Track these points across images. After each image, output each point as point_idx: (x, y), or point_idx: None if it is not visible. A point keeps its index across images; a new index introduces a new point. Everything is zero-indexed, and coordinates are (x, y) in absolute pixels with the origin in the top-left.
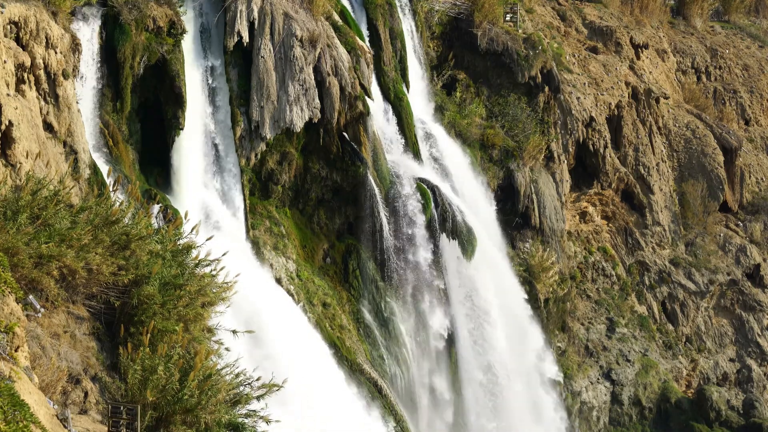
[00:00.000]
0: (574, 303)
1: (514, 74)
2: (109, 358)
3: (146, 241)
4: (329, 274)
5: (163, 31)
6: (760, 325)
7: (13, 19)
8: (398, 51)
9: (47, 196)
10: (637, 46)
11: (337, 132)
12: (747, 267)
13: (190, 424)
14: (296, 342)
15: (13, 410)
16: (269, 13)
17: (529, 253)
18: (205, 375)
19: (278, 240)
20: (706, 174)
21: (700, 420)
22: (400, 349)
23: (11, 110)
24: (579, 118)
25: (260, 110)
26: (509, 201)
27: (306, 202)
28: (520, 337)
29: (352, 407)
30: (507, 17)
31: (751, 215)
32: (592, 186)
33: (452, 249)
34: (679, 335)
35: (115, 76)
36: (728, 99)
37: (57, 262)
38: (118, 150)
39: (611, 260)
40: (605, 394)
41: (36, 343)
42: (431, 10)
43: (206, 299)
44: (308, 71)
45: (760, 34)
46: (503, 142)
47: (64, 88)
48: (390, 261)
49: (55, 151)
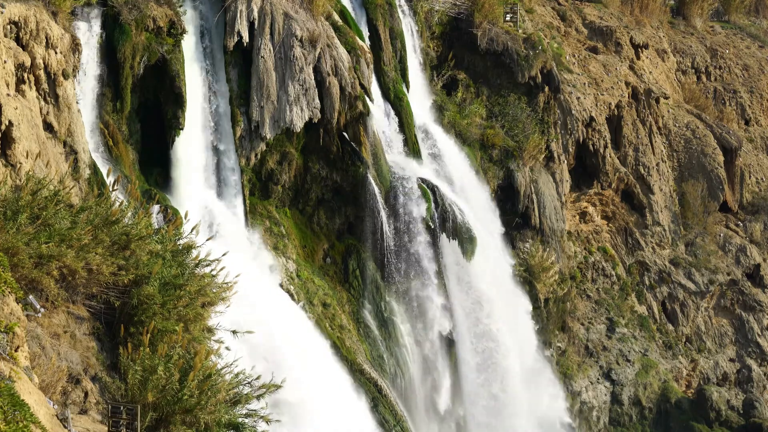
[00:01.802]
0: (574, 303)
1: (514, 74)
2: (109, 358)
3: (146, 241)
4: (329, 274)
5: (163, 31)
6: (760, 325)
7: (13, 19)
8: (398, 51)
9: (47, 196)
10: (637, 46)
11: (337, 132)
12: (747, 267)
13: (190, 424)
14: (297, 341)
15: (13, 410)
16: (269, 13)
17: (529, 253)
18: (204, 375)
19: (278, 240)
20: (706, 174)
21: (700, 420)
22: (400, 349)
23: (11, 110)
24: (579, 118)
25: (260, 110)
26: (509, 201)
27: (306, 202)
28: (520, 337)
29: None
30: (507, 17)
31: (751, 215)
32: (592, 186)
33: (452, 249)
34: (679, 335)
35: (115, 76)
36: (728, 99)
37: (57, 262)
38: (118, 150)
39: (611, 260)
40: (605, 394)
41: (36, 343)
42: (431, 10)
43: (206, 299)
44: (308, 71)
45: (760, 34)
46: (503, 142)
47: (64, 88)
48: (390, 261)
49: (55, 151)
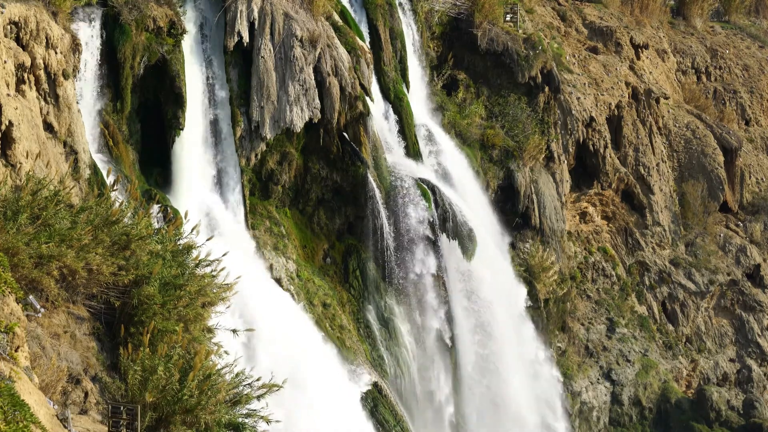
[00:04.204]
0: (574, 303)
1: (514, 74)
2: (109, 359)
3: (146, 241)
4: (329, 275)
5: (163, 31)
6: (760, 325)
7: (14, 19)
8: (398, 51)
9: (47, 197)
10: (637, 46)
11: (337, 132)
12: (747, 267)
13: (190, 425)
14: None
15: (13, 410)
16: (269, 13)
17: (529, 253)
18: (204, 375)
19: (278, 240)
20: (706, 174)
21: (700, 420)
22: (400, 350)
23: (11, 110)
24: (579, 118)
25: (260, 110)
26: (509, 201)
27: (306, 202)
28: (520, 337)
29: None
30: (507, 17)
31: (751, 215)
32: (592, 186)
33: (452, 249)
34: (679, 335)
35: (115, 76)
36: (728, 99)
37: (57, 262)
38: (118, 150)
39: (611, 260)
40: (605, 395)
41: (36, 343)
42: (431, 10)
43: (206, 299)
44: (308, 71)
45: (760, 35)
46: (503, 142)
47: (64, 88)
48: (390, 261)
49: (55, 151)
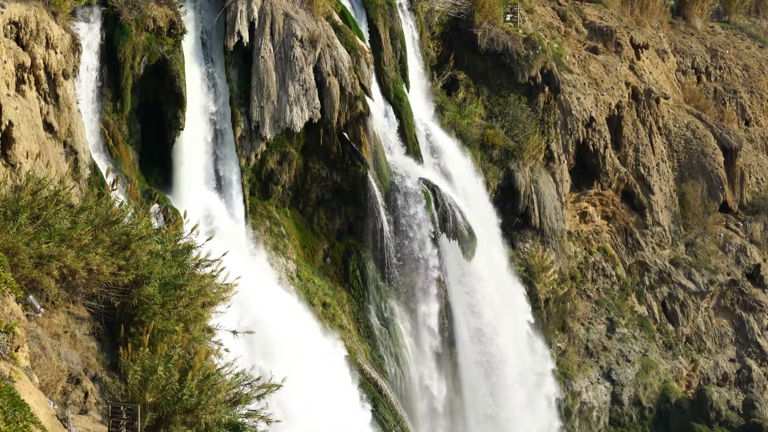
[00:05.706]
0: (574, 303)
1: (514, 74)
2: (109, 358)
3: (146, 241)
4: (329, 275)
5: (163, 31)
6: (760, 325)
7: (14, 19)
8: (398, 51)
9: (47, 196)
10: (637, 47)
11: (337, 132)
12: (747, 267)
13: (190, 424)
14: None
15: (13, 410)
16: (269, 14)
17: (529, 253)
18: (204, 375)
19: (278, 240)
20: (706, 174)
21: (700, 420)
22: (400, 350)
23: (11, 110)
24: (579, 118)
25: (260, 110)
26: (509, 201)
27: (306, 202)
28: (520, 337)
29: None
30: (507, 17)
31: (751, 215)
32: (592, 186)
33: (452, 249)
34: (679, 335)
35: (115, 76)
36: (728, 99)
37: (57, 262)
38: (118, 150)
39: (611, 260)
40: (605, 395)
41: (36, 343)
42: (431, 10)
43: (206, 299)
44: (308, 71)
45: (760, 35)
46: (503, 142)
47: (64, 88)
48: (390, 261)
49: (55, 151)
